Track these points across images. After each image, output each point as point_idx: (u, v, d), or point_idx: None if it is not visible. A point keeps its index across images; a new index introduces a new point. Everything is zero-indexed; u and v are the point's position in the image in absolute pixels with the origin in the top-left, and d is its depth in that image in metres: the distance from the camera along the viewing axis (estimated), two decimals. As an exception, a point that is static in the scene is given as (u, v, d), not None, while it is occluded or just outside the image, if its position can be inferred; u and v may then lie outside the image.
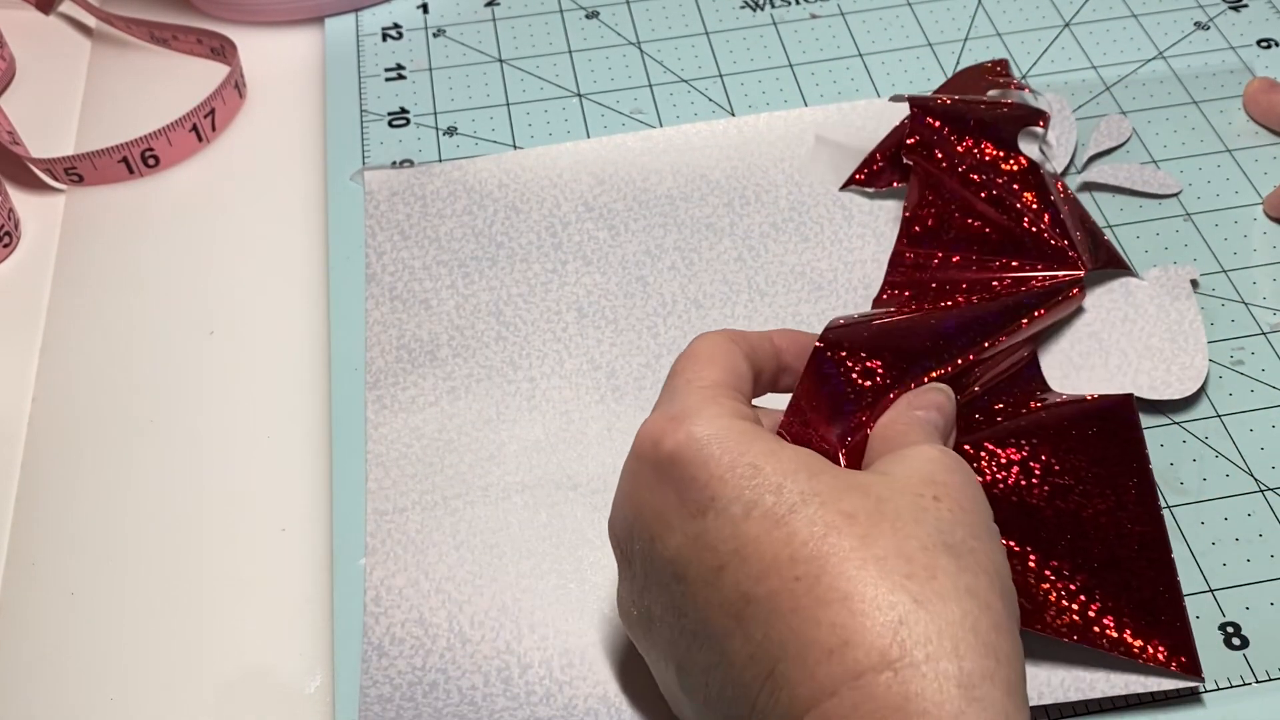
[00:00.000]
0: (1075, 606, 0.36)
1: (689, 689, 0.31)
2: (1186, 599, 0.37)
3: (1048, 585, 0.36)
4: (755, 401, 0.35)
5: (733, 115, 0.53)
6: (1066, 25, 0.56)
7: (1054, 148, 0.50)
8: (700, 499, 0.29)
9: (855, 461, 0.34)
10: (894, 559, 0.28)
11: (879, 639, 0.26)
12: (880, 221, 0.48)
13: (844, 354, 0.36)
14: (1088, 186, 0.49)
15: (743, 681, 0.28)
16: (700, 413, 0.31)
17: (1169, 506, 0.40)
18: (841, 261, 0.47)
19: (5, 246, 0.50)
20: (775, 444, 0.30)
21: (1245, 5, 0.57)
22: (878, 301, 0.44)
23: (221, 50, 0.56)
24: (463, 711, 0.36)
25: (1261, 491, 0.41)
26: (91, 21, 0.60)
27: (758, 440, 0.30)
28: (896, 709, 0.26)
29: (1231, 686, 0.36)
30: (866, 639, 0.26)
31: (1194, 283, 0.46)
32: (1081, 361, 0.43)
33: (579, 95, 0.54)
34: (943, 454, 0.32)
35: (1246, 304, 0.46)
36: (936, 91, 0.52)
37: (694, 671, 0.30)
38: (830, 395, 0.35)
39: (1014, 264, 0.44)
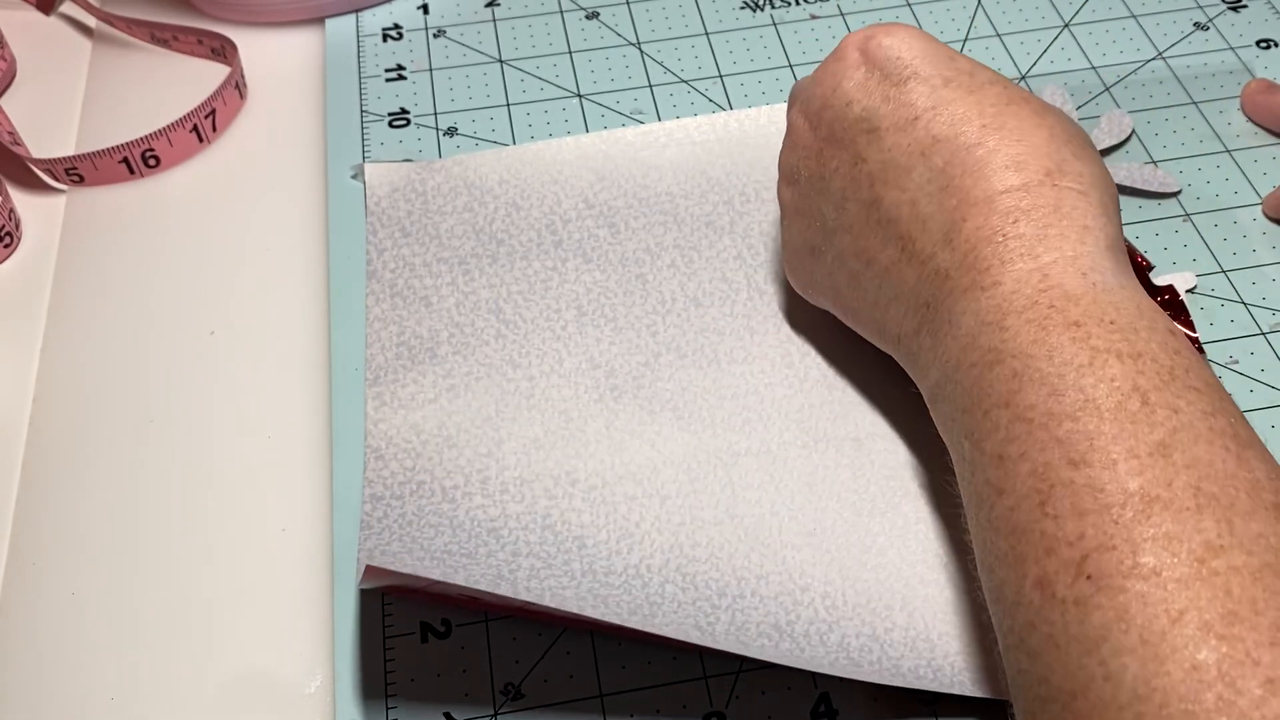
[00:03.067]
0: None
1: (861, 240, 0.37)
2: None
3: None
4: None
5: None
6: (1066, 25, 0.56)
7: None
8: (903, 73, 0.36)
9: None
10: (1059, 130, 0.35)
11: (1046, 160, 0.34)
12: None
13: None
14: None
15: (917, 200, 0.35)
16: (900, 25, 0.38)
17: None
18: None
19: (6, 247, 0.50)
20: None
21: (1245, 6, 0.57)
22: None
23: (222, 51, 0.56)
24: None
25: (1261, 491, 0.41)
26: (92, 22, 0.60)
27: (946, 46, 0.38)
28: (1052, 208, 0.33)
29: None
30: (1036, 160, 0.34)
31: (1191, 289, 0.46)
32: None
33: (579, 96, 0.54)
34: None
35: (1246, 304, 0.46)
36: None
37: (864, 210, 0.37)
38: None
39: None
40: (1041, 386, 0.30)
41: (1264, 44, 0.55)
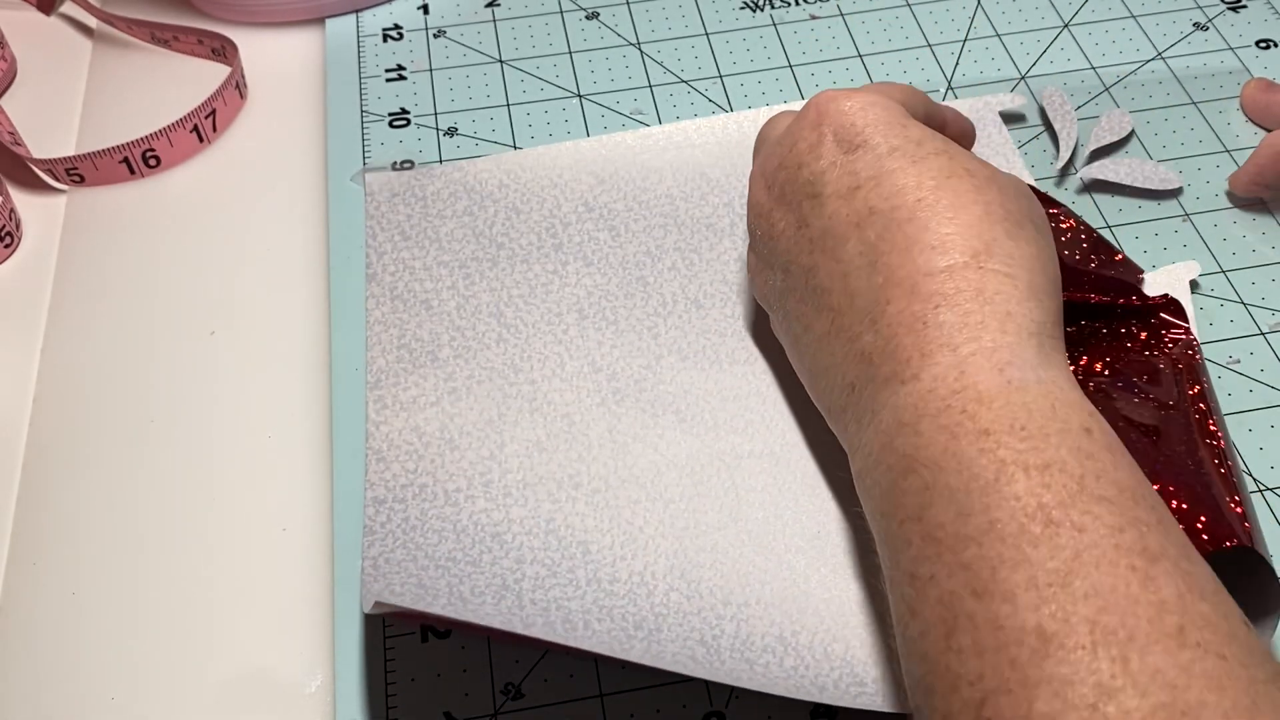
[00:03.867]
0: None
1: (801, 305, 0.37)
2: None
3: None
4: None
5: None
6: (1066, 26, 0.56)
7: (1058, 141, 0.50)
8: (855, 139, 0.36)
9: None
10: (996, 207, 0.34)
11: (975, 240, 0.33)
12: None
13: None
14: (1088, 186, 0.50)
15: (848, 273, 0.34)
16: (869, 91, 0.38)
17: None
18: None
19: (6, 247, 0.50)
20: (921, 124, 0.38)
21: (1244, 6, 0.57)
22: None
23: (222, 51, 0.56)
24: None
25: (1260, 491, 0.41)
26: (92, 22, 0.60)
27: (908, 115, 0.37)
28: (974, 293, 0.32)
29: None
30: (964, 243, 0.33)
31: (1194, 283, 0.46)
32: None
33: (579, 96, 0.54)
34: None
35: (1245, 304, 0.46)
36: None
37: (804, 275, 0.36)
38: None
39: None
40: (950, 504, 0.29)
41: (1264, 44, 0.55)
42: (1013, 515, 0.28)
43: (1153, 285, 0.45)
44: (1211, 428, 0.40)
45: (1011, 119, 0.52)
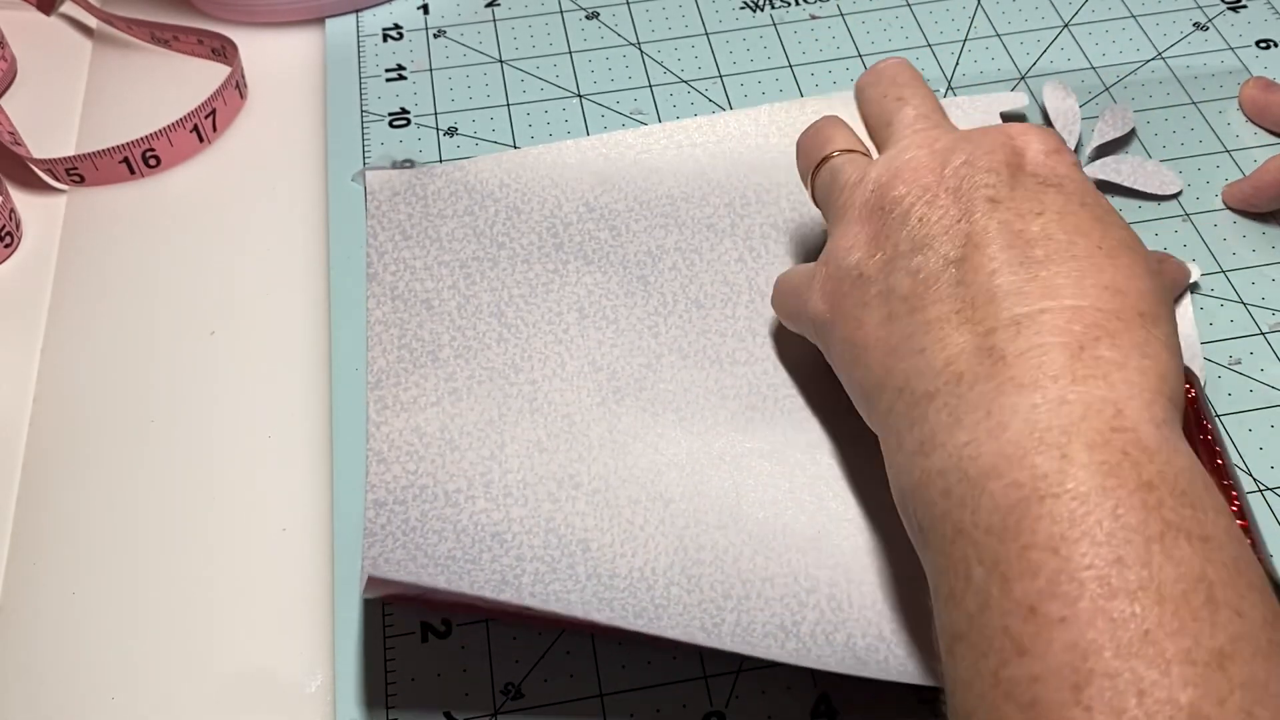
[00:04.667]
0: None
1: (919, 287, 0.34)
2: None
3: None
4: None
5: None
6: (1066, 26, 0.56)
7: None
8: (1050, 178, 0.35)
9: None
10: (1161, 293, 0.34)
11: (1143, 304, 0.32)
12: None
13: None
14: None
15: (998, 271, 0.33)
16: (1059, 141, 0.37)
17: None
18: None
19: (6, 247, 0.50)
20: None
21: (1244, 6, 0.57)
22: None
23: (222, 51, 0.56)
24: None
25: (1260, 491, 0.41)
26: (92, 22, 0.60)
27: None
28: (1137, 345, 0.31)
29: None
30: (1135, 300, 0.32)
31: (1194, 285, 0.46)
32: None
33: (579, 96, 0.54)
34: None
35: (1245, 304, 0.46)
36: None
37: (941, 260, 0.34)
38: None
39: None
40: (1104, 547, 0.27)
41: (1264, 44, 0.55)
42: (1177, 580, 0.26)
43: None
44: (1205, 424, 0.40)
45: (1012, 119, 0.52)
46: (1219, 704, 0.25)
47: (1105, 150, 0.50)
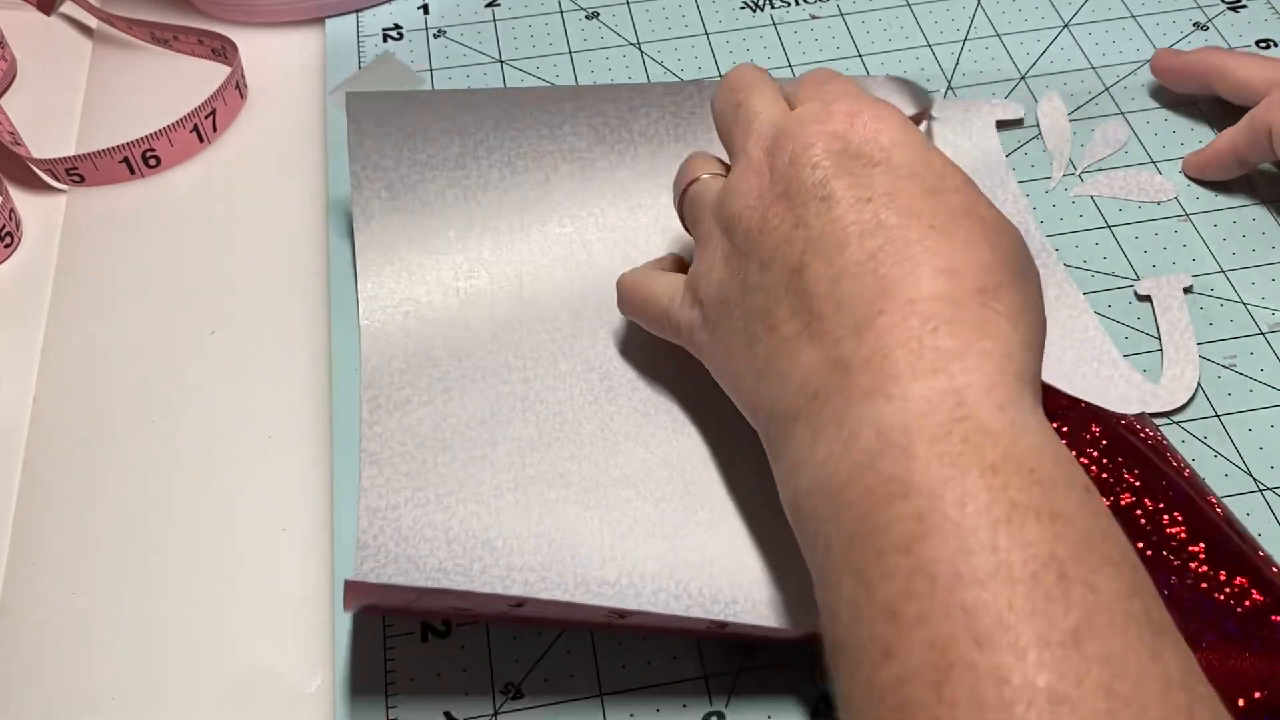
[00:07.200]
0: None
1: (772, 304, 0.34)
2: (1185, 599, 0.37)
3: None
4: None
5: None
6: (1066, 26, 0.56)
7: (1050, 156, 0.50)
8: (876, 155, 0.35)
9: None
10: (1005, 255, 0.33)
11: (982, 277, 0.32)
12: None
13: None
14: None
15: (840, 278, 0.33)
16: (890, 107, 0.36)
17: (1168, 506, 0.40)
18: None
19: (7, 247, 0.50)
20: None
21: (1244, 6, 0.57)
22: None
23: (222, 51, 0.56)
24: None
25: (1260, 491, 0.41)
26: (92, 22, 0.60)
27: (928, 140, 0.37)
28: (976, 325, 0.31)
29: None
30: (972, 277, 0.32)
31: (1188, 288, 0.46)
32: (1071, 370, 0.43)
33: (579, 96, 0.54)
34: None
35: (1245, 304, 0.46)
36: None
37: (787, 274, 0.34)
38: None
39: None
40: (951, 539, 0.27)
41: (1264, 44, 0.55)
42: (1025, 561, 0.26)
43: (1144, 289, 0.45)
44: (1211, 500, 0.40)
45: (1009, 123, 0.52)
46: (1077, 684, 0.25)
47: (1098, 164, 0.50)
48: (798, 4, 0.58)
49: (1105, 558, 0.27)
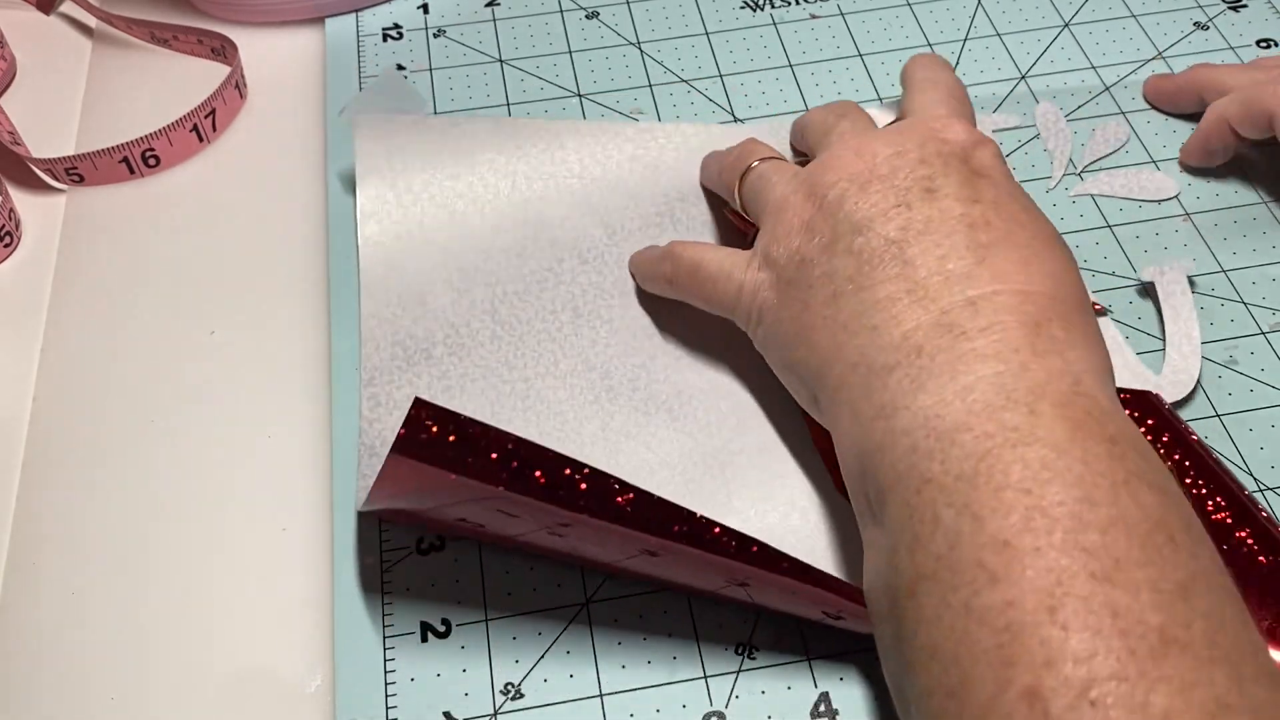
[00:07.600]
0: None
1: (866, 267, 0.36)
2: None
3: None
4: None
5: (733, 114, 0.53)
6: (1066, 25, 0.56)
7: (1050, 155, 0.50)
8: (977, 168, 0.38)
9: None
10: (1082, 285, 0.36)
11: (1083, 296, 0.36)
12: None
13: None
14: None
15: (948, 256, 0.35)
16: (993, 144, 0.39)
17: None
18: None
19: (6, 246, 0.50)
20: None
21: (1245, 5, 0.57)
22: None
23: (222, 50, 0.56)
24: None
25: (1261, 491, 0.41)
26: (92, 21, 0.60)
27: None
28: (1082, 328, 0.34)
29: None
30: (1075, 291, 0.35)
31: (1192, 281, 0.46)
32: None
33: (579, 95, 0.54)
34: None
35: (1245, 304, 0.46)
36: None
37: (885, 244, 0.36)
38: None
39: None
40: (1075, 488, 0.29)
41: (1264, 44, 0.55)
42: (1143, 519, 0.29)
43: (1149, 275, 0.45)
44: (1184, 427, 0.40)
45: (1006, 132, 0.52)
46: (1185, 628, 0.27)
47: (1099, 164, 0.50)
48: (798, 4, 0.58)
49: (1201, 538, 0.30)
